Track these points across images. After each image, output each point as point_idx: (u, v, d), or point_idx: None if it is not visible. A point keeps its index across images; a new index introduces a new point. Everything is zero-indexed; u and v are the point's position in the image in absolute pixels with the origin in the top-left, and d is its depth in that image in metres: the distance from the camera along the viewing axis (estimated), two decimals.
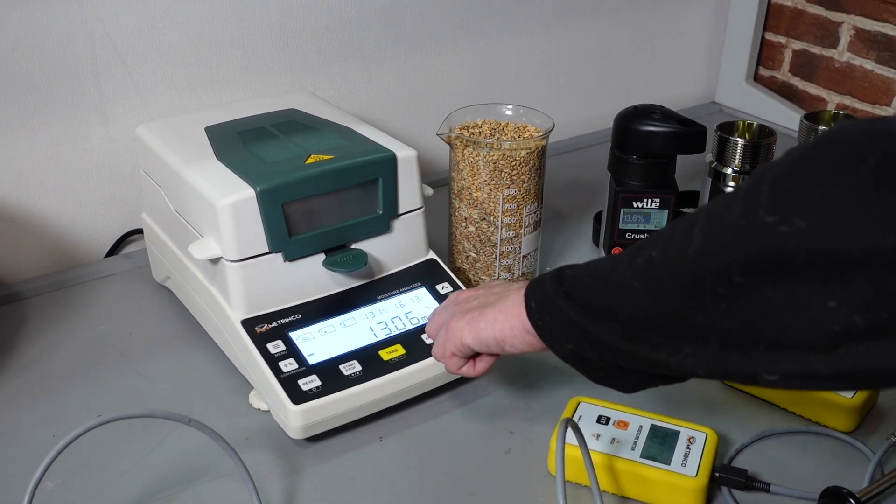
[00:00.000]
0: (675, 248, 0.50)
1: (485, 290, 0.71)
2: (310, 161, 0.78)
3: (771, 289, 0.45)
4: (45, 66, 0.95)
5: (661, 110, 0.92)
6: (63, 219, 1.02)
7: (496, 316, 0.65)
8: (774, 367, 0.47)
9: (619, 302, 0.54)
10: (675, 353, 0.51)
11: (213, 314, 0.81)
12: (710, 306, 0.48)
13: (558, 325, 0.59)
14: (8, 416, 0.78)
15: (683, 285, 0.49)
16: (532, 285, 0.63)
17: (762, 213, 0.45)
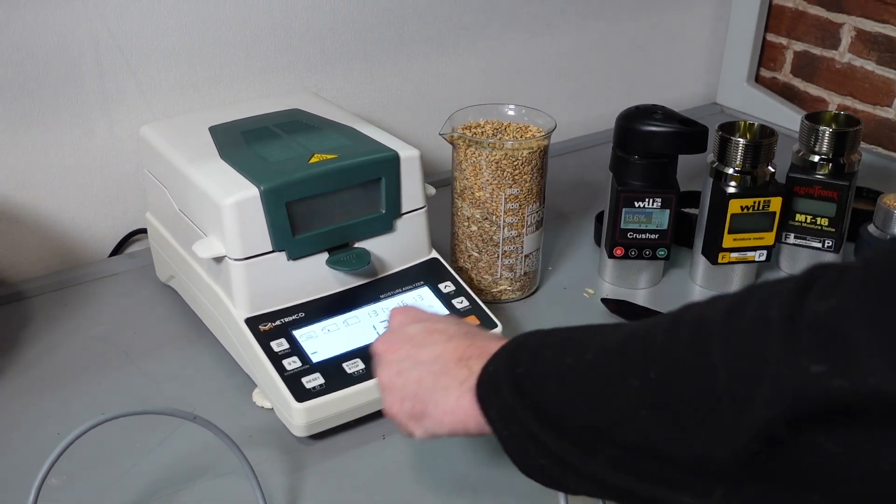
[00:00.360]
0: (687, 377, 0.43)
1: (409, 350, 0.60)
2: (313, 160, 0.78)
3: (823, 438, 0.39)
4: (50, 66, 0.95)
5: (663, 110, 0.92)
6: (67, 218, 1.03)
7: (442, 417, 0.57)
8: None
9: (616, 427, 0.46)
10: (703, 497, 0.44)
11: (216, 313, 0.81)
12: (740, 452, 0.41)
13: (529, 443, 0.52)
14: (12, 414, 0.78)
15: (712, 426, 0.42)
16: (484, 388, 0.54)
17: (805, 361, 0.38)
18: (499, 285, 0.93)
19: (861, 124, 0.95)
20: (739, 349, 0.41)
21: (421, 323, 0.62)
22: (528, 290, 0.96)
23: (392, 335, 0.62)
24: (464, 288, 0.84)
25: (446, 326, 0.61)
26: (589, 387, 0.48)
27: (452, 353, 0.58)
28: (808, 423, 0.38)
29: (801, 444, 0.39)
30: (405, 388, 0.59)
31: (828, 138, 0.93)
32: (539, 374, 0.51)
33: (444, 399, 0.56)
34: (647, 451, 0.45)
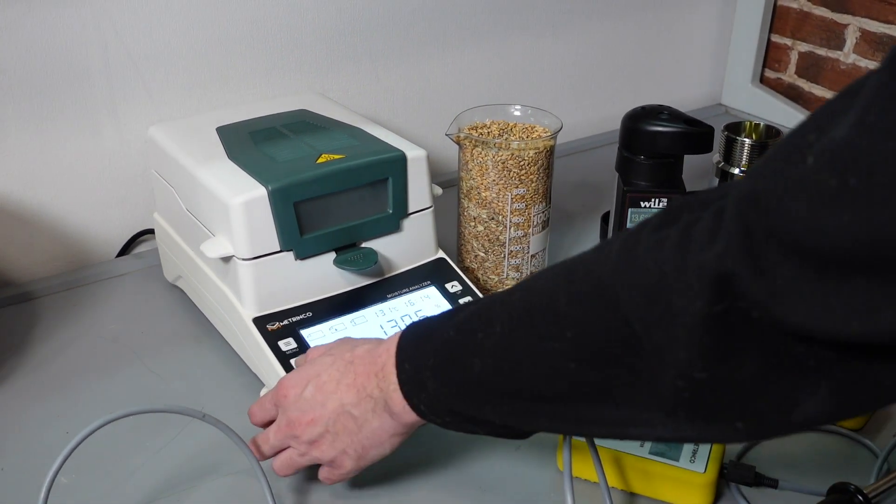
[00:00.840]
0: (603, 331, 0.48)
1: (316, 412, 0.63)
2: (321, 160, 0.78)
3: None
4: (58, 68, 0.95)
5: (669, 111, 0.92)
6: (75, 219, 1.03)
7: (382, 440, 0.62)
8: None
9: (548, 384, 0.51)
10: (648, 426, 0.49)
11: (224, 312, 0.82)
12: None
13: (469, 425, 0.58)
14: (22, 412, 0.78)
15: (639, 367, 0.47)
16: (408, 389, 0.58)
17: (703, 303, 0.43)
18: (505, 285, 0.94)
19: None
20: (644, 299, 0.45)
21: (309, 383, 0.64)
22: None
23: (292, 417, 0.64)
24: (471, 287, 0.84)
25: (329, 374, 0.63)
26: (511, 356, 0.52)
27: (354, 392, 0.61)
28: (721, 355, 0.43)
29: (721, 372, 0.43)
30: (341, 443, 0.63)
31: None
32: (455, 358, 0.55)
33: (372, 427, 0.62)
34: (582, 398, 0.50)
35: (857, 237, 0.36)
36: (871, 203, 0.35)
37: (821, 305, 0.38)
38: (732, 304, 0.42)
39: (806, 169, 0.38)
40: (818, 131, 0.39)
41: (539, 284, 0.53)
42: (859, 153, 0.36)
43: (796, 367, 0.42)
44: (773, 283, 0.40)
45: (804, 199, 0.38)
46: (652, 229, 0.47)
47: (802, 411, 0.43)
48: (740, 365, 0.43)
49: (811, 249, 0.38)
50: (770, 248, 0.40)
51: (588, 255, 0.51)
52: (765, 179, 0.41)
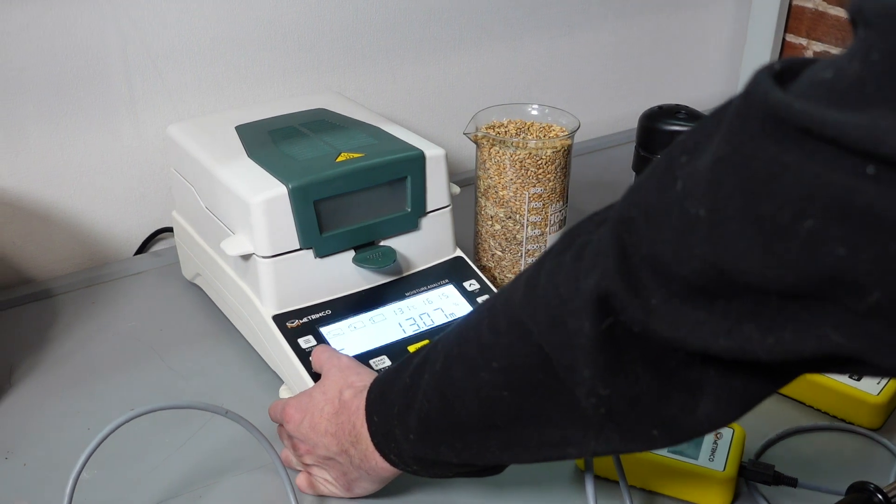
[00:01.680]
0: (523, 359, 0.50)
1: (309, 449, 0.67)
2: (340, 159, 0.79)
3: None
4: (77, 66, 0.96)
5: (686, 110, 0.93)
6: (94, 217, 1.04)
7: (365, 485, 0.66)
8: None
9: (489, 414, 0.54)
10: (582, 448, 0.51)
11: (243, 310, 0.82)
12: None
13: (436, 468, 0.60)
14: (43, 409, 0.79)
15: (562, 390, 0.49)
16: (379, 440, 0.61)
17: (592, 321, 0.46)
18: None
19: None
20: (547, 324, 0.48)
21: (305, 417, 0.66)
22: None
23: (293, 439, 0.68)
24: (488, 286, 0.84)
25: (319, 416, 0.65)
26: (451, 391, 0.55)
27: (336, 444, 0.64)
28: (615, 370, 0.45)
29: (620, 386, 0.46)
30: (331, 476, 0.67)
31: None
32: (410, 403, 0.57)
33: (354, 476, 0.65)
34: (522, 423, 0.52)
35: (711, 265, 0.39)
36: (718, 234, 0.38)
37: (690, 323, 0.41)
38: (616, 321, 0.44)
39: (674, 195, 0.41)
40: (689, 154, 0.41)
41: (469, 318, 0.56)
42: (710, 185, 0.39)
43: (682, 378, 0.45)
44: (648, 302, 0.43)
45: (670, 226, 0.41)
46: (554, 255, 0.50)
47: (704, 414, 0.45)
48: (636, 377, 0.46)
49: (677, 274, 0.41)
50: (643, 270, 0.43)
51: (507, 285, 0.54)
52: (639, 201, 0.44)
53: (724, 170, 0.38)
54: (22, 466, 0.72)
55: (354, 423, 0.62)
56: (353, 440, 0.63)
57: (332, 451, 0.65)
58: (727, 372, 0.44)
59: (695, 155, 0.41)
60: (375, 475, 0.64)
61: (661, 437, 0.48)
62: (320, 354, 0.72)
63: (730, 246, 0.38)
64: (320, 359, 0.72)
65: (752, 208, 0.37)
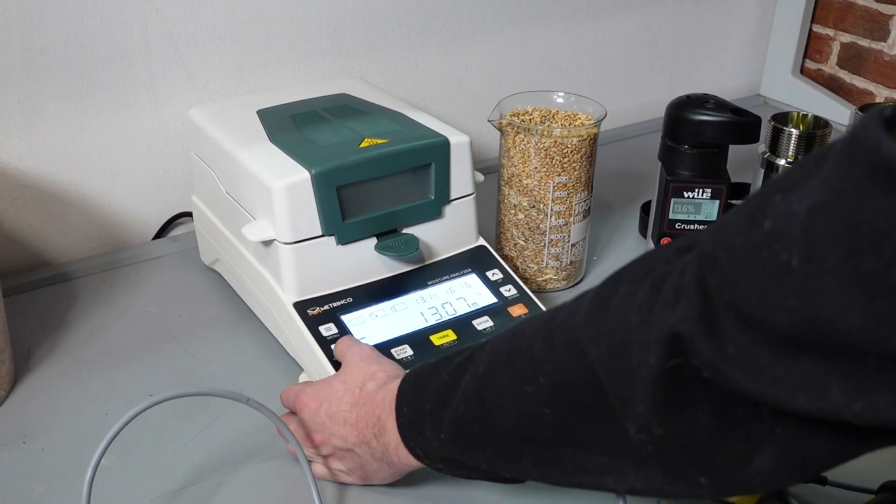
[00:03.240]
0: (572, 378, 0.48)
1: (326, 438, 0.66)
2: (363, 145, 0.78)
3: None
4: (97, 48, 0.95)
5: (714, 99, 0.91)
6: (113, 201, 1.03)
7: (382, 476, 0.65)
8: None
9: (527, 428, 0.52)
10: (621, 477, 0.49)
11: (263, 297, 0.81)
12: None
13: (461, 471, 0.59)
14: (61, 393, 0.78)
15: (608, 416, 0.47)
16: (406, 434, 0.59)
17: (658, 360, 0.44)
18: (544, 274, 0.93)
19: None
20: (609, 351, 0.46)
21: (322, 405, 0.65)
22: (573, 279, 0.95)
23: (307, 427, 0.67)
24: (511, 276, 0.83)
25: (338, 405, 0.65)
26: (491, 397, 0.53)
27: (356, 434, 0.63)
28: (674, 410, 0.44)
29: (675, 427, 0.44)
30: (346, 467, 0.66)
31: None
32: (444, 402, 0.56)
33: (372, 467, 0.64)
34: (560, 443, 0.50)
35: (802, 318, 0.37)
36: (812, 286, 0.36)
37: (769, 377, 0.39)
38: (685, 362, 0.42)
39: (762, 235, 0.39)
40: (784, 192, 0.39)
41: (523, 328, 0.54)
42: (805, 232, 0.36)
43: (744, 429, 0.43)
44: (725, 348, 0.40)
45: (757, 272, 0.39)
46: (629, 282, 0.48)
47: (757, 470, 0.43)
48: (693, 421, 0.44)
49: (762, 324, 0.39)
50: (724, 316, 0.40)
51: (569, 302, 0.52)
52: (725, 239, 0.41)
53: (823, 217, 0.36)
54: (39, 451, 0.72)
55: (379, 416, 0.61)
56: (376, 432, 0.62)
57: (349, 441, 0.64)
58: (798, 431, 0.41)
59: (789, 196, 0.38)
60: (396, 468, 0.63)
61: (707, 485, 0.46)
62: (342, 344, 0.71)
63: (826, 300, 0.36)
64: (342, 348, 0.71)
65: (855, 262, 0.35)
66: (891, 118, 0.36)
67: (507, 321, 0.79)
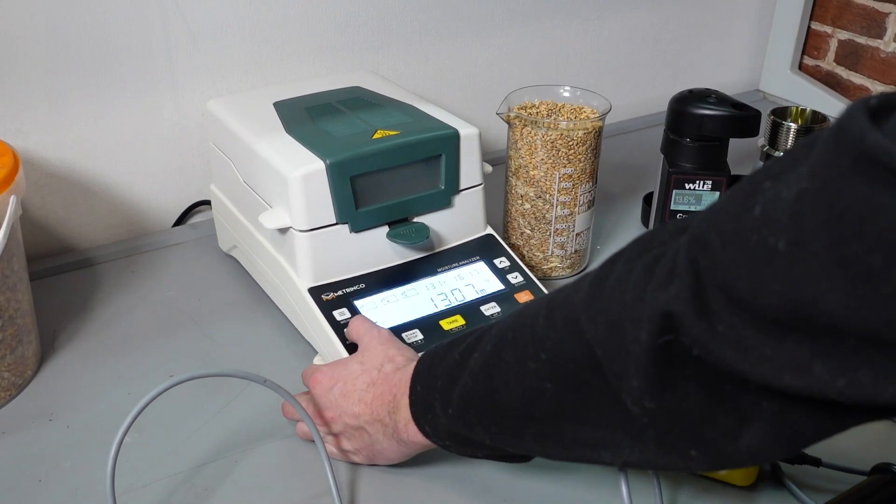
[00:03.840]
0: (571, 355, 0.49)
1: (337, 415, 0.66)
2: (376, 136, 0.78)
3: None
4: (120, 41, 0.95)
5: (716, 94, 0.91)
6: (134, 189, 1.03)
7: (389, 455, 0.65)
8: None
9: (530, 404, 0.52)
10: (616, 452, 0.49)
11: (279, 282, 0.81)
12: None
13: (467, 448, 0.60)
14: (85, 374, 0.79)
15: (605, 391, 0.47)
16: (417, 410, 0.60)
17: (650, 335, 0.44)
18: (550, 262, 0.93)
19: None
20: (605, 329, 0.46)
21: (337, 384, 0.66)
22: (577, 267, 0.95)
23: (318, 404, 0.67)
24: (518, 264, 0.83)
25: (354, 384, 0.65)
26: (496, 374, 0.53)
27: (369, 413, 0.64)
28: (665, 385, 0.44)
29: (667, 401, 0.44)
30: (354, 446, 0.66)
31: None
32: (454, 379, 0.56)
33: (382, 445, 0.64)
34: (560, 418, 0.51)
35: (788, 300, 0.37)
36: (798, 270, 0.36)
37: (757, 355, 0.39)
38: (675, 339, 0.43)
39: (752, 220, 0.39)
40: (773, 179, 0.39)
41: (528, 308, 0.54)
42: (792, 218, 0.37)
43: (733, 404, 0.43)
44: (715, 328, 0.41)
45: (746, 254, 0.39)
46: (625, 260, 0.48)
47: (746, 444, 0.44)
48: (684, 396, 0.44)
49: (750, 305, 0.39)
50: (714, 296, 0.41)
51: (571, 283, 0.52)
52: (716, 223, 0.41)
53: (809, 204, 0.36)
54: (65, 428, 0.72)
55: (395, 395, 0.62)
56: (390, 409, 0.62)
57: (362, 419, 0.64)
58: (784, 407, 0.41)
59: (778, 182, 0.38)
60: (405, 446, 0.63)
61: (698, 458, 0.46)
62: (359, 325, 0.71)
63: (810, 284, 0.36)
64: (359, 330, 0.71)
65: (839, 248, 0.35)
66: (875, 109, 0.36)
67: (513, 307, 0.79)
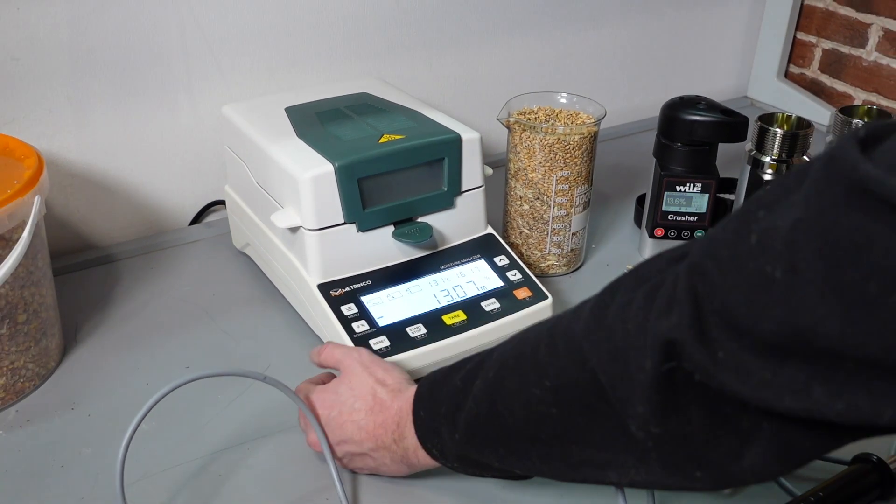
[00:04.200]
0: (575, 381, 0.48)
1: (340, 438, 0.64)
2: (383, 140, 0.77)
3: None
4: (140, 49, 0.95)
5: (706, 101, 0.90)
6: (153, 189, 1.03)
7: (394, 472, 0.64)
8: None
9: (535, 427, 0.51)
10: (623, 472, 0.49)
11: (290, 279, 0.81)
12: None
13: (475, 469, 0.59)
14: (105, 365, 0.79)
15: (609, 416, 0.47)
16: (423, 433, 0.59)
17: (653, 363, 0.44)
18: (547, 260, 0.93)
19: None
20: (608, 357, 0.45)
21: (332, 412, 0.64)
22: (573, 265, 0.95)
23: (326, 427, 0.65)
24: (517, 262, 0.83)
25: (349, 413, 0.63)
26: (501, 400, 0.52)
27: (373, 441, 0.62)
28: (669, 411, 0.43)
29: (672, 426, 0.44)
30: (358, 466, 0.65)
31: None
32: (458, 405, 0.55)
33: (389, 468, 0.64)
34: (566, 441, 0.50)
35: (786, 326, 0.37)
36: (795, 297, 0.36)
37: (757, 380, 0.39)
38: (678, 366, 0.42)
39: (748, 249, 0.38)
40: (767, 209, 0.39)
41: (528, 335, 0.54)
42: (788, 246, 0.36)
43: (735, 426, 0.43)
44: (715, 354, 0.40)
45: (744, 283, 0.38)
46: (624, 291, 0.47)
47: (749, 464, 0.43)
48: (688, 420, 0.43)
49: (749, 331, 0.38)
50: (714, 323, 0.40)
51: (570, 311, 0.51)
52: (713, 251, 0.41)
53: (804, 232, 0.36)
54: (86, 417, 0.72)
55: (398, 423, 0.61)
56: (395, 437, 0.61)
57: (365, 447, 0.63)
58: (783, 427, 0.41)
59: (772, 211, 0.38)
60: (415, 468, 0.63)
61: (703, 478, 0.45)
62: (334, 350, 0.68)
63: (808, 310, 0.35)
64: (334, 356, 0.68)
65: (834, 275, 0.34)
66: (864, 139, 0.36)
67: (512, 303, 0.79)
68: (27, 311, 0.72)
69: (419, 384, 0.61)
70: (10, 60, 0.88)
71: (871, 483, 0.64)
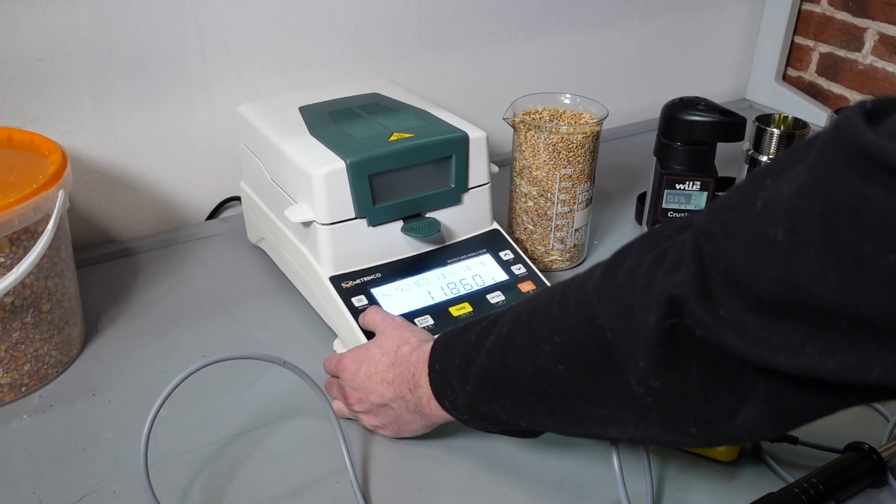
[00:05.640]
0: (583, 337, 0.49)
1: (363, 396, 0.66)
2: (392, 138, 0.78)
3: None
4: (159, 50, 0.96)
5: (705, 102, 0.90)
6: (171, 185, 1.04)
7: (413, 429, 0.66)
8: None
9: (543, 382, 0.52)
10: (622, 428, 0.49)
11: (303, 271, 0.82)
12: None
13: (483, 423, 0.60)
14: (125, 354, 0.79)
15: (613, 372, 0.48)
16: (437, 387, 0.60)
17: (657, 317, 0.45)
18: (550, 255, 0.93)
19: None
20: (616, 312, 0.46)
21: (361, 367, 0.66)
22: (576, 260, 0.95)
23: (347, 386, 0.67)
24: (521, 256, 0.83)
25: (375, 367, 0.65)
26: (511, 354, 0.53)
27: (392, 390, 0.64)
28: (669, 365, 0.44)
29: (671, 380, 0.44)
30: (381, 421, 0.67)
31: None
32: (470, 359, 0.56)
33: (406, 420, 0.65)
34: (570, 396, 0.51)
35: (784, 285, 0.37)
36: (794, 257, 0.37)
37: (755, 337, 0.39)
38: (680, 322, 0.43)
39: (753, 213, 0.39)
40: (773, 177, 0.39)
41: (541, 295, 0.55)
42: (790, 210, 0.37)
43: (732, 383, 0.43)
44: (717, 311, 0.41)
45: (747, 243, 0.39)
46: (636, 253, 0.48)
47: (743, 422, 0.44)
48: (686, 376, 0.44)
49: (750, 290, 0.39)
50: (717, 282, 0.41)
51: (583, 273, 0.52)
52: (721, 215, 0.41)
53: (806, 197, 0.36)
54: (107, 402, 0.73)
55: (414, 373, 0.62)
56: (411, 387, 0.62)
57: (386, 397, 0.64)
58: (778, 388, 0.41)
59: (778, 179, 0.39)
60: (427, 419, 0.63)
61: (698, 434, 0.46)
62: (374, 315, 0.71)
63: (805, 269, 0.36)
64: (374, 319, 0.71)
65: (832, 237, 0.35)
66: (870, 111, 0.36)
67: (516, 296, 0.79)
68: (51, 300, 0.73)
69: (436, 339, 0.62)
70: (35, 61, 0.89)
71: (863, 471, 0.64)
